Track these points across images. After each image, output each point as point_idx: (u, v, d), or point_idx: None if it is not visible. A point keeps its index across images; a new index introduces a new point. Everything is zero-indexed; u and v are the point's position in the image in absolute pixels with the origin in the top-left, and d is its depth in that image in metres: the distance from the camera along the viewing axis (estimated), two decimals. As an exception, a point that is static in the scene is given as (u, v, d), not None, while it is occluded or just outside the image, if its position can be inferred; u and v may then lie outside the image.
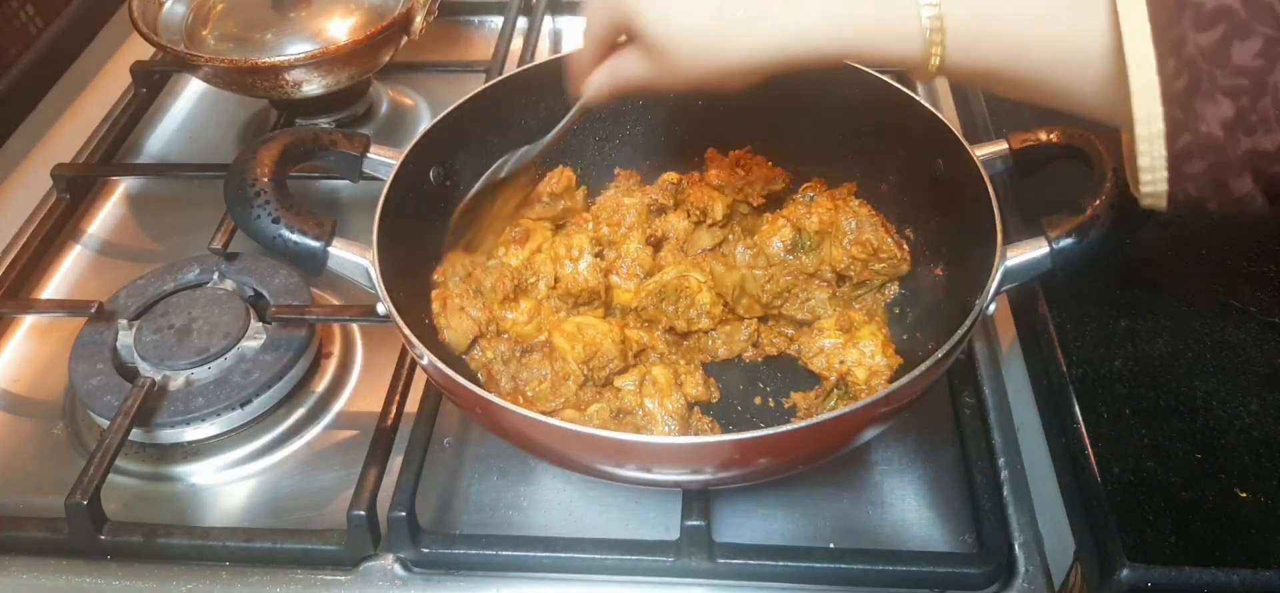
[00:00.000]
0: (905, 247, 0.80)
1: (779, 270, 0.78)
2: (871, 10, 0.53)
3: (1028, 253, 0.63)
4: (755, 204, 0.84)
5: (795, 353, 0.77)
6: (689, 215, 0.84)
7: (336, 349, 0.84)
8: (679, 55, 0.56)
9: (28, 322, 0.89)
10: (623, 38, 0.61)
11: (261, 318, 0.81)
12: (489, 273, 0.77)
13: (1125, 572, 0.55)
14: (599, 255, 0.80)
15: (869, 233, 0.78)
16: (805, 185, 0.85)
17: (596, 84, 0.64)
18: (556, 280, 0.78)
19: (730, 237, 0.84)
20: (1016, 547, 0.67)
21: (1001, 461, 0.72)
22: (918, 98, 0.77)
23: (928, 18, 0.51)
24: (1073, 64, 0.50)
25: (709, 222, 0.83)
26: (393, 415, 0.73)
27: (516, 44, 1.15)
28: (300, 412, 0.79)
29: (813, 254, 0.79)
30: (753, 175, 0.85)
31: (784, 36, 0.54)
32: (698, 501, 0.65)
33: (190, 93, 1.17)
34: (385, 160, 0.74)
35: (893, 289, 0.80)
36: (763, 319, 0.79)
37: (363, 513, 0.66)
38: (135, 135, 1.09)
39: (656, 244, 0.83)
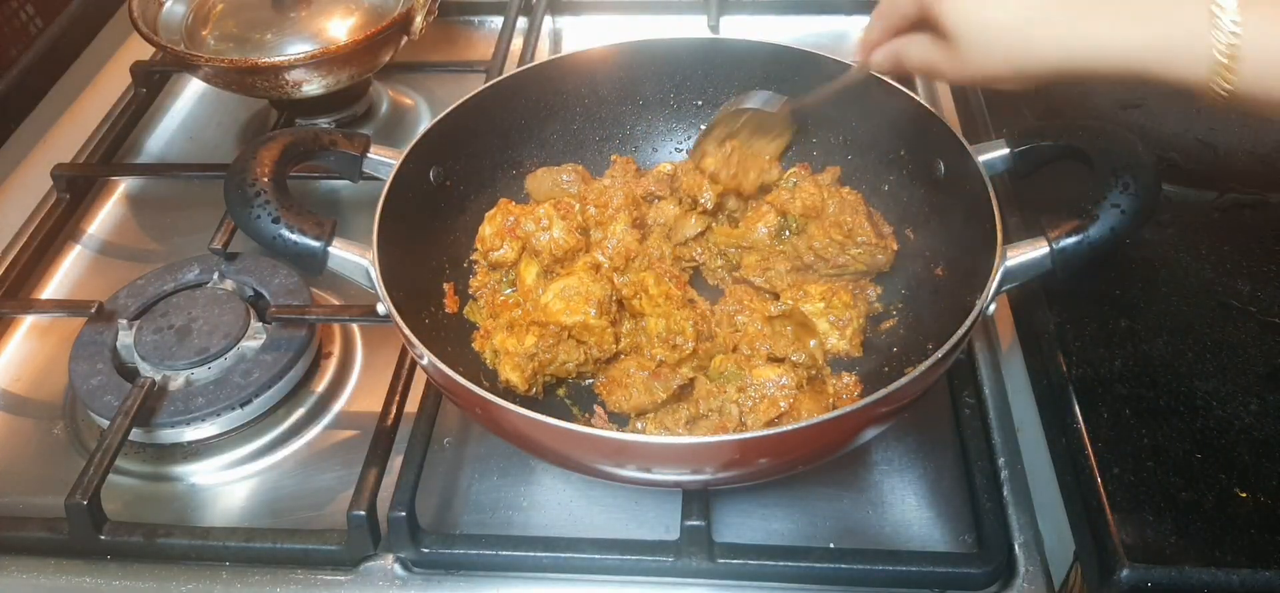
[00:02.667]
0: (888, 239, 0.80)
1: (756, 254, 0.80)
2: (1160, 30, 0.54)
3: (1028, 253, 0.63)
4: (747, 194, 0.84)
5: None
6: (680, 202, 0.84)
7: (336, 349, 0.84)
8: (975, 51, 0.59)
9: (28, 322, 0.89)
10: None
11: (261, 318, 0.81)
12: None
13: (1125, 572, 0.55)
14: (584, 231, 0.80)
15: (848, 215, 0.78)
16: (789, 171, 0.85)
17: (881, 58, 0.69)
18: (536, 253, 0.78)
19: (713, 224, 0.84)
20: (1016, 547, 0.66)
21: (1001, 460, 0.72)
22: (918, 99, 0.77)
23: (1225, 42, 0.51)
24: None
25: (699, 209, 0.83)
26: (393, 415, 0.73)
27: (516, 44, 1.15)
28: (300, 412, 0.79)
29: (800, 237, 0.80)
30: (747, 165, 0.84)
31: (1076, 45, 0.57)
32: (698, 500, 0.65)
33: (190, 93, 1.17)
34: (385, 160, 0.74)
35: (876, 289, 0.80)
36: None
37: (363, 513, 0.66)
38: (135, 135, 1.09)
39: (643, 228, 0.83)
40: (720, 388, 0.71)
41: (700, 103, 0.90)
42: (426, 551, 0.66)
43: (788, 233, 0.81)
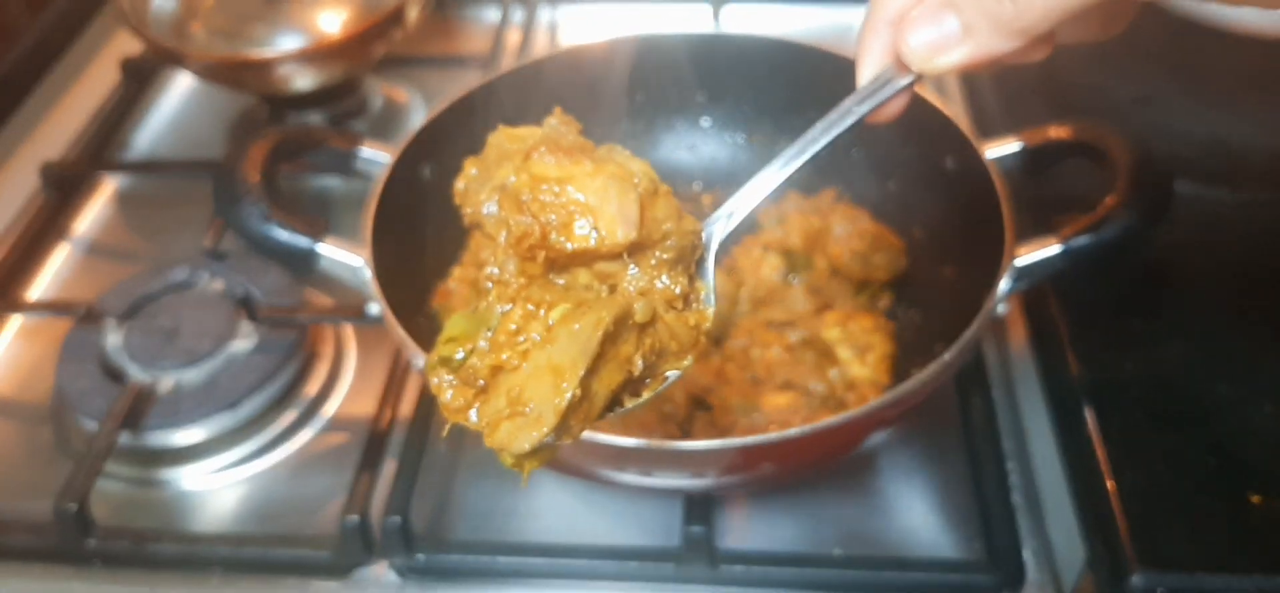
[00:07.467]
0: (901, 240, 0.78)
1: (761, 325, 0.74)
2: None
3: (1039, 252, 0.62)
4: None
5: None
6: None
7: (328, 351, 0.82)
8: None
9: (14, 323, 0.87)
10: None
11: (252, 319, 0.80)
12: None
13: (1136, 578, 0.54)
14: None
15: (866, 222, 0.76)
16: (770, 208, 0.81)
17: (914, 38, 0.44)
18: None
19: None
20: (1026, 554, 0.65)
21: (1011, 466, 0.70)
22: (924, 94, 0.76)
23: None
24: None
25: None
26: (386, 419, 0.72)
27: (514, 37, 1.14)
28: (292, 415, 0.77)
29: (808, 271, 0.78)
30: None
31: None
32: (700, 506, 0.64)
33: (180, 88, 1.16)
34: (378, 157, 0.73)
35: (887, 296, 0.79)
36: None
37: (356, 519, 0.65)
38: (124, 132, 1.07)
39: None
40: (731, 420, 0.68)
41: (702, 98, 0.89)
42: (421, 557, 0.65)
43: (796, 269, 0.77)
